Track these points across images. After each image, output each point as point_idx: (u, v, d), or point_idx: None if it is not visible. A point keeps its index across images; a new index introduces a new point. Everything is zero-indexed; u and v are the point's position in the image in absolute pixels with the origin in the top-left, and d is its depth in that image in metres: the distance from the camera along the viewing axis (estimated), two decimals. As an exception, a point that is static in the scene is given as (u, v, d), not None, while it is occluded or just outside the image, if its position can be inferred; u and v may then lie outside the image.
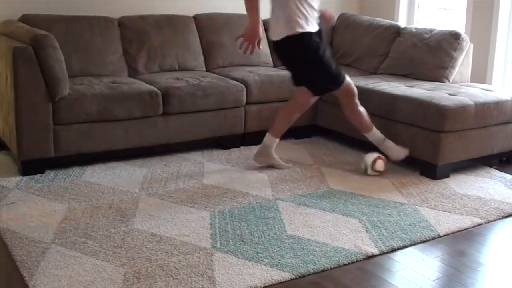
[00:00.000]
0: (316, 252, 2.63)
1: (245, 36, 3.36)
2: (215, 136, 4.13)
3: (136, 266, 2.45)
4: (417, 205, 3.24)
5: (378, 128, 3.98)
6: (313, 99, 3.76)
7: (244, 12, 3.40)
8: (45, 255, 2.52)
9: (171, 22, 4.50)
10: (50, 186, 3.35)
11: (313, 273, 2.46)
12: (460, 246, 2.79)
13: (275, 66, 4.88)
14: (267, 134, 3.76)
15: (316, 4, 3.47)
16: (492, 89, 4.04)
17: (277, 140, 3.77)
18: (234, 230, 2.84)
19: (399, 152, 3.76)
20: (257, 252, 2.61)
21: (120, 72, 4.19)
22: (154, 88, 3.83)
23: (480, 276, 2.52)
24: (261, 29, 3.40)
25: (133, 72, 4.27)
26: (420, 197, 3.36)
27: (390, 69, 4.57)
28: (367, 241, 2.76)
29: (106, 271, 2.40)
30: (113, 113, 3.65)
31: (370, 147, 3.89)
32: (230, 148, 4.21)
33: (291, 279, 2.41)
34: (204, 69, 4.58)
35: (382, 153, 3.75)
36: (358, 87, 4.10)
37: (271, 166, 3.78)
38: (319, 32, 3.52)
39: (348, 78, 3.68)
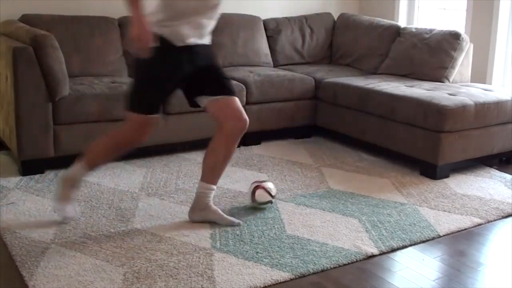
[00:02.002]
0: (316, 252, 2.63)
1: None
2: (215, 136, 4.12)
3: (136, 266, 2.45)
4: (417, 205, 3.24)
5: (378, 127, 3.98)
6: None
7: (245, 12, 3.39)
8: (45, 255, 2.52)
9: (171, 22, 4.49)
10: (50, 186, 3.34)
11: (313, 273, 2.46)
12: (460, 246, 2.79)
13: (275, 66, 4.89)
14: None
15: None
16: (492, 89, 4.04)
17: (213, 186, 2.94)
18: (234, 230, 2.84)
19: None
20: (257, 252, 2.61)
21: (120, 72, 4.19)
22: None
23: (480, 276, 2.52)
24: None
25: (133, 72, 4.27)
26: (420, 197, 3.35)
27: (390, 69, 4.57)
28: (367, 241, 2.75)
29: (105, 271, 2.40)
30: (113, 113, 3.65)
31: (370, 147, 3.90)
32: (230, 148, 4.20)
33: (291, 279, 2.41)
34: (204, 69, 4.57)
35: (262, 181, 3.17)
36: (358, 87, 4.12)
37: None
38: None
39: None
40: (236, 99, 2.84)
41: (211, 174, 2.88)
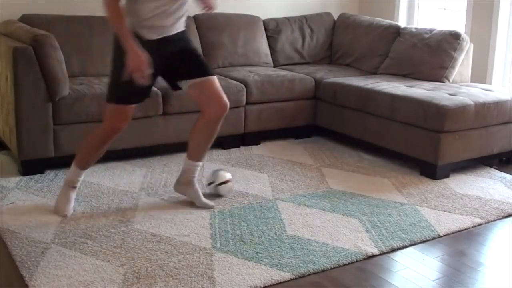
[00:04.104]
0: (316, 252, 2.63)
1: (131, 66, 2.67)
2: (215, 136, 4.13)
3: (136, 266, 2.45)
4: (417, 205, 3.24)
5: (378, 127, 3.98)
6: None
7: (245, 12, 3.36)
8: (45, 255, 2.52)
9: (171, 22, 4.49)
10: (50, 186, 3.34)
11: (313, 273, 2.46)
12: (460, 246, 2.79)
13: (275, 66, 4.89)
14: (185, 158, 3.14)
15: None
16: (492, 89, 4.04)
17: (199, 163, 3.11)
18: (234, 230, 2.84)
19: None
20: (257, 252, 2.61)
21: (120, 72, 4.19)
22: (154, 88, 3.82)
23: (480, 276, 2.52)
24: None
25: (133, 72, 4.26)
26: (420, 197, 3.35)
27: (390, 69, 4.57)
28: (367, 241, 2.76)
29: (106, 271, 2.40)
30: (113, 113, 3.65)
31: (370, 147, 3.90)
32: (230, 148, 4.21)
33: (291, 279, 2.41)
34: (204, 69, 4.57)
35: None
36: (358, 87, 4.12)
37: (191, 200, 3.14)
38: None
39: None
40: (214, 78, 2.96)
41: (195, 152, 3.07)
